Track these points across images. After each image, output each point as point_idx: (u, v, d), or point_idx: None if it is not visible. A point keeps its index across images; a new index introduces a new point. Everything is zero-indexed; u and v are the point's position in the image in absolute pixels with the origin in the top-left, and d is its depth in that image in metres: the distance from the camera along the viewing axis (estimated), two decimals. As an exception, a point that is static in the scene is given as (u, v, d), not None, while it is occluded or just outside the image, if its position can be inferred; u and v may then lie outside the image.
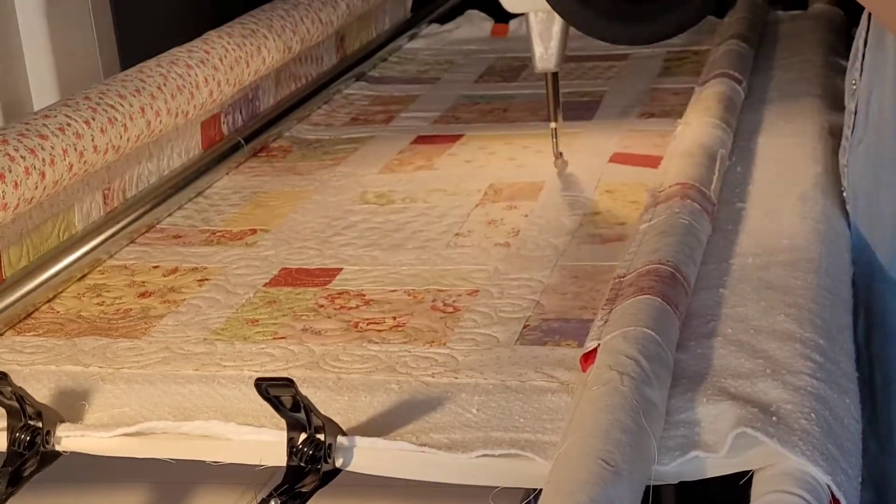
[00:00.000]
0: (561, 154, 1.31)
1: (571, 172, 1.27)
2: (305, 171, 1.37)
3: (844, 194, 1.12)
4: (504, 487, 0.75)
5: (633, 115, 1.48)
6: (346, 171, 1.35)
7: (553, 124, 1.30)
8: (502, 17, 1.97)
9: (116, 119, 1.15)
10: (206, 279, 1.08)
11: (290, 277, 1.07)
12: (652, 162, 1.24)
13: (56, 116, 1.10)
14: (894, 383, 1.05)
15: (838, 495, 0.71)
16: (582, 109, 1.54)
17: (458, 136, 1.45)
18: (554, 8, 1.15)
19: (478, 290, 1.02)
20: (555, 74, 1.29)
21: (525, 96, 1.61)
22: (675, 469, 0.74)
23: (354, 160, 1.39)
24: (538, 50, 1.26)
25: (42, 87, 1.55)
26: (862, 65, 1.08)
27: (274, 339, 0.95)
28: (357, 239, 1.15)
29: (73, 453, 0.82)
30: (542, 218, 1.16)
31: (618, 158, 1.30)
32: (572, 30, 1.20)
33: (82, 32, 1.60)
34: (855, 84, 1.10)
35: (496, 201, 1.21)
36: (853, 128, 1.09)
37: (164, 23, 1.85)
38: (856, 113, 1.08)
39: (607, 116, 1.50)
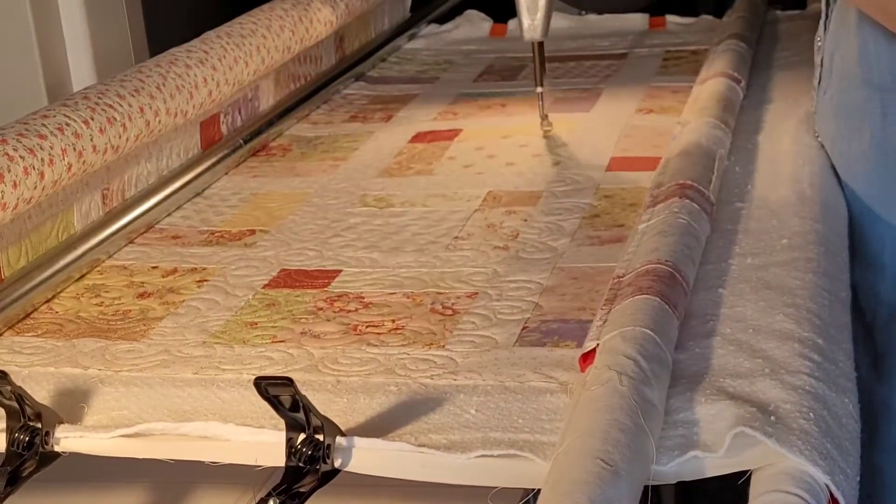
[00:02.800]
0: (546, 116, 1.43)
1: (570, 178, 1.27)
2: (305, 173, 1.37)
3: (819, 139, 1.25)
4: (503, 488, 0.75)
5: (631, 111, 1.48)
6: (346, 174, 1.35)
7: (539, 89, 1.42)
8: (501, 17, 1.97)
9: (115, 119, 1.15)
10: (205, 280, 1.08)
11: (290, 279, 1.07)
12: (651, 165, 1.23)
13: (55, 116, 1.10)
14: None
15: (837, 495, 0.71)
16: (580, 102, 1.54)
17: (457, 132, 1.45)
18: None
19: (477, 293, 1.02)
20: (541, 44, 1.41)
21: (524, 94, 1.61)
22: (674, 469, 0.74)
23: (354, 161, 1.39)
24: (526, 21, 1.39)
25: (80, 70, 1.68)
26: (826, 23, 1.22)
27: (273, 342, 0.95)
28: (356, 241, 1.15)
29: (71, 454, 0.82)
30: (541, 222, 1.16)
31: (616, 164, 1.30)
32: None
33: (117, 19, 1.74)
34: (820, 40, 1.24)
35: (495, 207, 1.21)
36: (819, 79, 1.24)
37: (191, 9, 1.93)
38: (822, 66, 1.23)
39: (605, 111, 1.50)
